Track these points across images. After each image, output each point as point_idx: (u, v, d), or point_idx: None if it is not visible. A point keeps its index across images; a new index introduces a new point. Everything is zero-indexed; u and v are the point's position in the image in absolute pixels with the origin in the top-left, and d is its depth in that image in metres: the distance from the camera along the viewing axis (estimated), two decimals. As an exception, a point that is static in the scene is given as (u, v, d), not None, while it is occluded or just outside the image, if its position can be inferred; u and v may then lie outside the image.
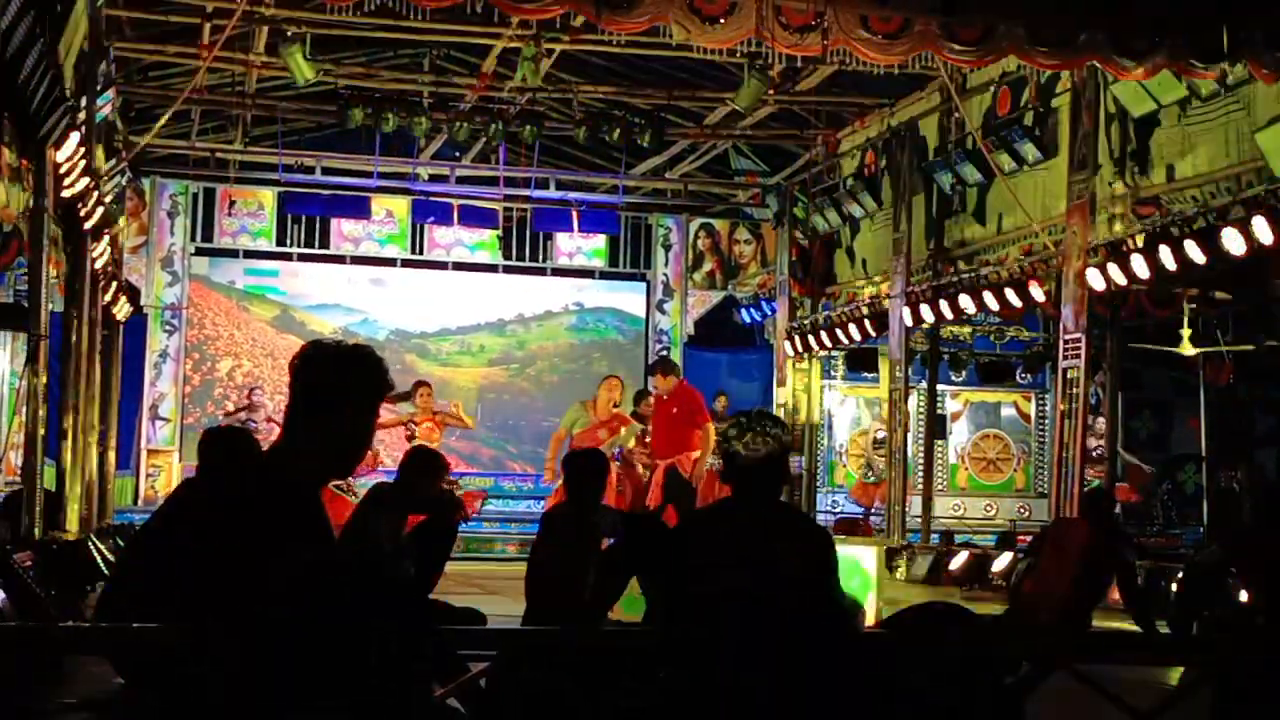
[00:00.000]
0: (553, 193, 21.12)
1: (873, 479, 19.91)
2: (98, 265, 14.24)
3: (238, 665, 3.03)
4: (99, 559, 11.84)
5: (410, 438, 14.09)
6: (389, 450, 16.08)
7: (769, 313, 20.62)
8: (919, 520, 16.91)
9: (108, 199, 14.43)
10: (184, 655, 3.25)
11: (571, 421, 14.54)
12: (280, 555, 3.16)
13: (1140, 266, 12.22)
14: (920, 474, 17.60)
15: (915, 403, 18.38)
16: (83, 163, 11.57)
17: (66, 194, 11.76)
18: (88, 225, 12.94)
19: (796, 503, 17.96)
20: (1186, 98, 12.51)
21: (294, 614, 2.95)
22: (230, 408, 19.13)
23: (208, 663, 3.08)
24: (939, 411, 19.37)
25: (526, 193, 20.95)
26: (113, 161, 15.91)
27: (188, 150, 19.79)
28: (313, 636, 2.86)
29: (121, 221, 18.10)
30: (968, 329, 19.80)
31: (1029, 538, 15.34)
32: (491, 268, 21.77)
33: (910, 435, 17.41)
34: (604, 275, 22.18)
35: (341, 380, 3.41)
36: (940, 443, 19.77)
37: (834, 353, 19.65)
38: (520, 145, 19.06)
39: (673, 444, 13.22)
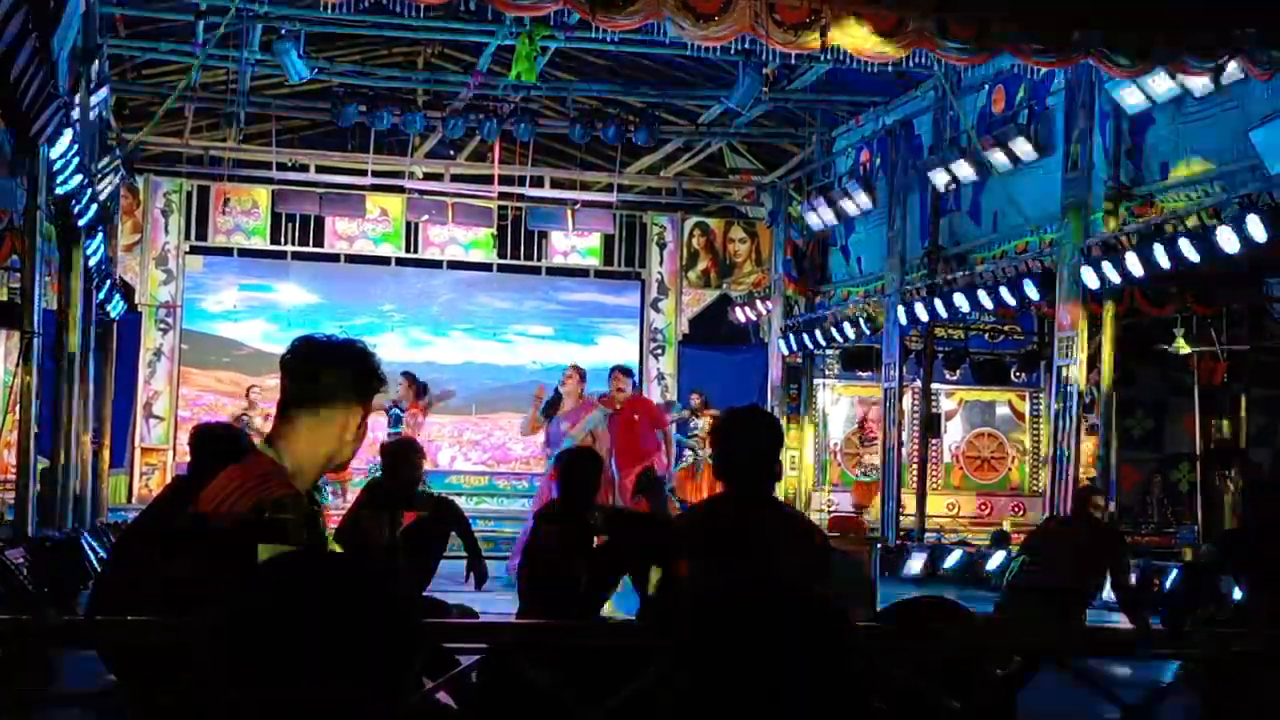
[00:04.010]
0: (547, 191, 21.11)
1: (866, 479, 19.92)
2: (91, 263, 14.23)
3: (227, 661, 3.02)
4: (92, 557, 11.83)
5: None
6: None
7: (764, 311, 20.62)
8: (913, 518, 16.92)
9: (102, 196, 14.41)
10: (174, 650, 3.24)
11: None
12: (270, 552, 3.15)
13: (1135, 265, 12.22)
14: (915, 472, 17.61)
15: (910, 401, 18.38)
16: (76, 160, 11.55)
17: (60, 191, 11.75)
18: (81, 223, 12.93)
19: (790, 501, 17.96)
20: (1181, 96, 12.53)
21: (285, 609, 2.94)
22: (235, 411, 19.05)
23: (197, 658, 3.07)
24: (933, 410, 19.35)
25: (521, 191, 20.94)
26: (106, 159, 15.89)
27: (181, 148, 19.79)
28: (303, 631, 2.85)
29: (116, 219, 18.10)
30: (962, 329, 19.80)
31: (1023, 536, 15.36)
32: (486, 266, 21.76)
33: (905, 433, 17.42)
34: (598, 274, 22.17)
35: (332, 375, 3.41)
36: (935, 441, 19.75)
37: (828, 351, 19.65)
38: (515, 143, 19.06)
39: (639, 451, 13.20)
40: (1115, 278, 12.60)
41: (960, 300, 15.12)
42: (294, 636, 2.20)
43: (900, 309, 16.38)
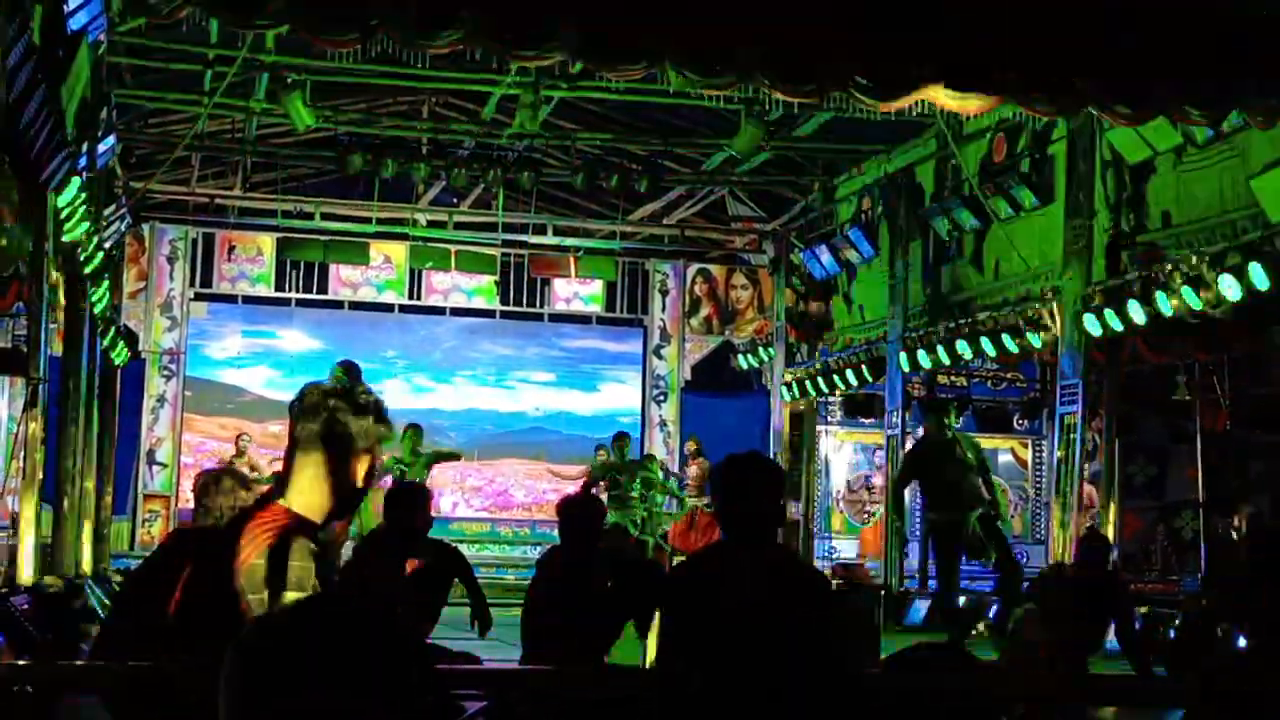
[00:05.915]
0: (550, 239, 21.18)
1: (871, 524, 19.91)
2: (97, 310, 14.27)
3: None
4: (95, 604, 11.81)
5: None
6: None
7: (766, 358, 20.64)
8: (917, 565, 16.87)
9: (108, 244, 14.48)
10: (176, 696, 3.25)
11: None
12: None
13: (1137, 312, 12.25)
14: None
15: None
16: (83, 208, 11.61)
17: (67, 239, 11.79)
18: (88, 270, 12.97)
19: (793, 548, 17.91)
20: (1182, 144, 12.57)
21: (290, 651, 2.95)
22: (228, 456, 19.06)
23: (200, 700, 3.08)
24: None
25: (524, 238, 21.02)
26: (113, 207, 15.96)
27: (187, 196, 19.88)
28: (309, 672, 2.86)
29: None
30: (964, 376, 19.79)
31: (1026, 584, 15.31)
32: (489, 313, 21.82)
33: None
34: (601, 320, 22.23)
35: (337, 422, 3.43)
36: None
37: (831, 398, 19.66)
38: (518, 191, 19.14)
39: None
40: (1117, 325, 12.61)
41: (962, 347, 15.14)
42: (299, 678, 2.20)
43: (902, 356, 16.39)
